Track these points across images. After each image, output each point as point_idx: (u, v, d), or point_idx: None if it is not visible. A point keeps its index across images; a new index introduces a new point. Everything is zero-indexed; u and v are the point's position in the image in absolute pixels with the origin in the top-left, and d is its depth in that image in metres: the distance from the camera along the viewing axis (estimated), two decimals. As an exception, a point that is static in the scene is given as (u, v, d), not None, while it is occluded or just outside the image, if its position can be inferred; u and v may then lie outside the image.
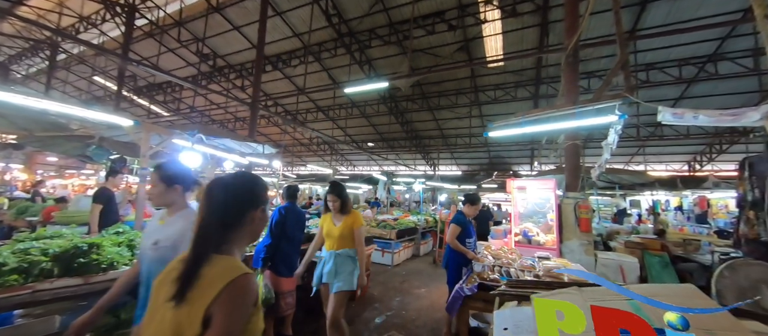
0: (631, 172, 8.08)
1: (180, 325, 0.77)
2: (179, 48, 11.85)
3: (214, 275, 0.81)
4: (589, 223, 3.88)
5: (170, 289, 0.81)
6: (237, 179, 0.97)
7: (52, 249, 1.84)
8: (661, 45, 8.58)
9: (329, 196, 2.74)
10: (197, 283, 0.80)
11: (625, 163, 15.85)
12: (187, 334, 0.75)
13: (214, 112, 17.91)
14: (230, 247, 0.93)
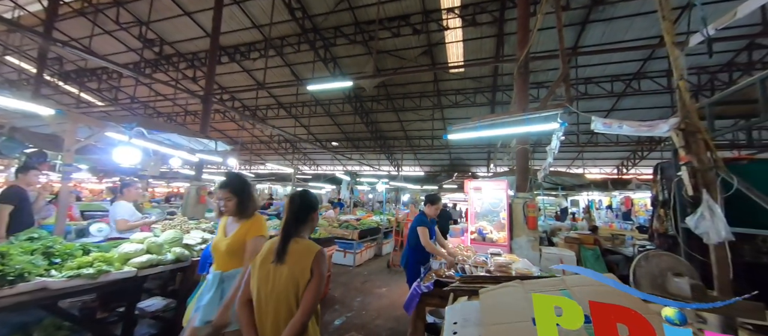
0: (572, 175, 8.99)
1: (293, 275, 1.38)
2: (118, 30, 10.58)
3: (303, 249, 1.44)
4: (536, 220, 4.23)
5: (272, 258, 1.43)
6: (303, 194, 1.63)
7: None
8: (598, 62, 9.68)
9: (220, 192, 1.94)
10: (290, 253, 1.42)
11: (567, 167, 17.58)
12: (300, 279, 1.37)
13: (160, 104, 16.31)
14: (302, 234, 1.55)
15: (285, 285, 1.36)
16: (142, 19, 9.94)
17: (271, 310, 1.36)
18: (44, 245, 1.99)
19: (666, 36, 1.80)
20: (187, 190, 5.96)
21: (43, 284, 1.77)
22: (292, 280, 1.36)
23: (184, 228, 3.14)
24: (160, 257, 2.53)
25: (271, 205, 11.11)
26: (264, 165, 21.19)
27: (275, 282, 1.38)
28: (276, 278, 1.39)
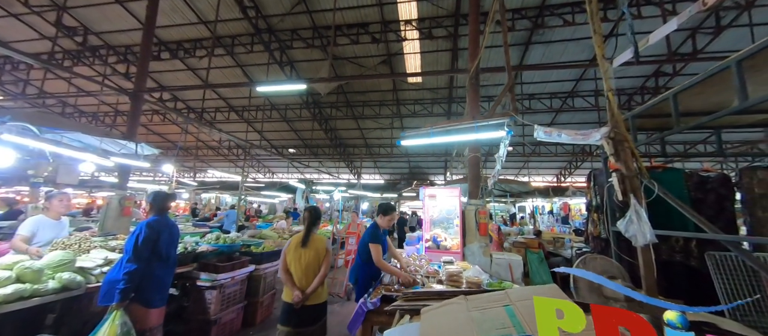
0: (519, 183, 9.62)
1: (317, 253, 2.53)
2: (28, 14, 9.01)
3: (318, 239, 2.61)
4: (487, 227, 4.33)
5: (301, 243, 2.55)
6: (316, 208, 2.74)
7: None
8: (539, 80, 10.64)
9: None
10: (311, 241, 2.56)
11: (515, 175, 18.92)
12: (320, 255, 2.54)
13: (82, 102, 14.20)
14: (315, 230, 2.68)
15: (312, 259, 2.50)
16: (58, 2, 8.57)
17: (303, 273, 2.45)
18: None
19: (597, 49, 1.91)
20: (108, 200, 5.09)
21: None
22: (316, 257, 2.52)
23: (83, 246, 2.57)
24: (37, 286, 1.99)
25: (215, 216, 10.10)
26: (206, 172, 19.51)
27: (304, 258, 2.49)
28: (304, 256, 2.50)
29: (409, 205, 20.15)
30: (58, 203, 2.91)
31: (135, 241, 2.31)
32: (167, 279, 2.54)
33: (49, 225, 2.84)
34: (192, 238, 4.08)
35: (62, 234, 2.95)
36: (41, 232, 2.78)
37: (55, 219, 2.93)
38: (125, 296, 2.18)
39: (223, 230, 7.18)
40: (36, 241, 2.74)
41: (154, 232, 2.42)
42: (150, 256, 2.37)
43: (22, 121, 2.59)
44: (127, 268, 2.22)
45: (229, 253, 3.82)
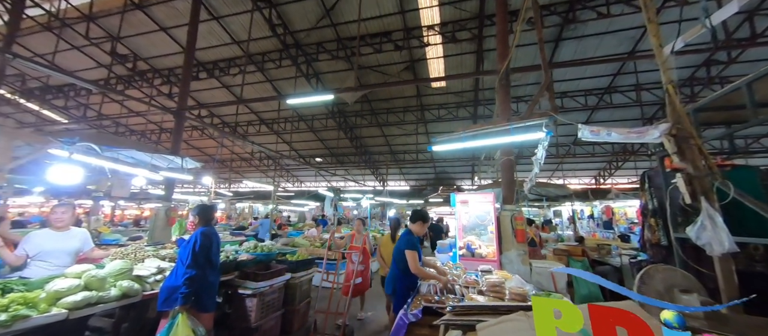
0: (556, 186, 9.11)
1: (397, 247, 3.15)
2: (88, 46, 10.08)
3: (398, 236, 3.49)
4: (525, 233, 4.11)
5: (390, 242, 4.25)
6: (399, 218, 5.15)
7: None
8: (572, 77, 10.08)
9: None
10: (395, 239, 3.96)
11: (548, 178, 17.98)
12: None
13: (132, 121, 15.55)
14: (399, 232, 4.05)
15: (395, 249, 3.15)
16: (113, 33, 9.52)
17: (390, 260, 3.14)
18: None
19: (653, 39, 1.76)
20: (155, 211, 5.49)
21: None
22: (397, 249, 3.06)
23: (138, 256, 2.77)
24: (102, 293, 2.16)
25: (251, 225, 10.53)
26: (240, 182, 20.44)
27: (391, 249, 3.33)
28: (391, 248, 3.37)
29: (436, 211, 19.80)
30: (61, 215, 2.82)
31: (192, 249, 2.45)
32: (217, 285, 2.67)
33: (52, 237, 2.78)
34: (232, 247, 4.27)
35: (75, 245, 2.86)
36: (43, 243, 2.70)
37: (60, 230, 2.84)
38: (187, 300, 2.32)
39: (257, 238, 7.46)
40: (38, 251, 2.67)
41: (208, 241, 2.57)
42: (204, 263, 2.51)
43: (87, 141, 2.88)
44: (189, 273, 2.38)
45: (267, 262, 3.94)
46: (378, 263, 4.76)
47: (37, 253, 2.66)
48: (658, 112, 11.04)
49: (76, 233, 2.90)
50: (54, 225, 2.82)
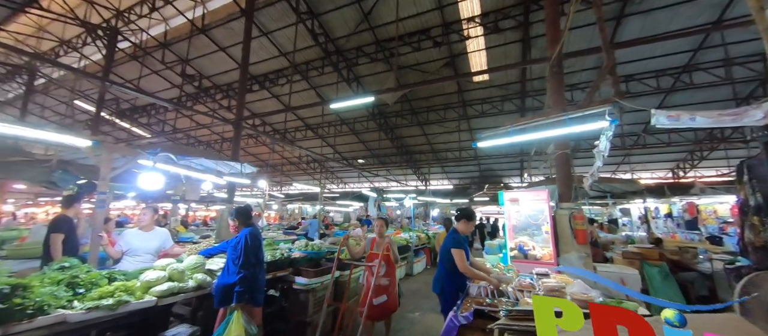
0: (623, 181, 8.10)
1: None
2: (163, 70, 11.66)
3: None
4: (586, 234, 3.73)
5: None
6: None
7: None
8: (639, 57, 8.88)
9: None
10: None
11: (612, 172, 16.08)
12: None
13: (200, 133, 17.56)
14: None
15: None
16: (182, 57, 10.89)
17: None
18: (71, 275, 2.01)
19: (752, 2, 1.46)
20: (220, 213, 6.13)
21: (63, 317, 1.75)
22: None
23: (210, 252, 3.14)
24: (182, 284, 2.48)
25: (300, 225, 11.19)
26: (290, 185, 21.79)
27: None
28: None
29: (481, 210, 18.96)
30: (147, 216, 3.25)
31: (243, 250, 2.67)
32: (264, 281, 2.89)
33: (139, 236, 3.22)
34: (285, 245, 4.58)
35: (157, 243, 3.26)
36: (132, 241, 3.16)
37: (146, 230, 3.27)
38: (242, 298, 2.51)
39: (307, 237, 7.90)
40: (129, 248, 3.14)
41: (256, 240, 2.79)
42: (255, 262, 2.73)
43: (166, 152, 3.35)
44: (242, 274, 2.57)
45: (317, 259, 4.14)
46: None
47: (129, 249, 3.17)
48: (756, 90, 9.20)
49: (159, 232, 3.39)
50: (141, 225, 3.32)
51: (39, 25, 10.28)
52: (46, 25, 10.33)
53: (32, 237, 4.17)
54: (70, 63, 11.55)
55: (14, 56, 11.69)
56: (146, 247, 3.22)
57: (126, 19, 9.72)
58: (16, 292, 1.62)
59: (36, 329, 1.63)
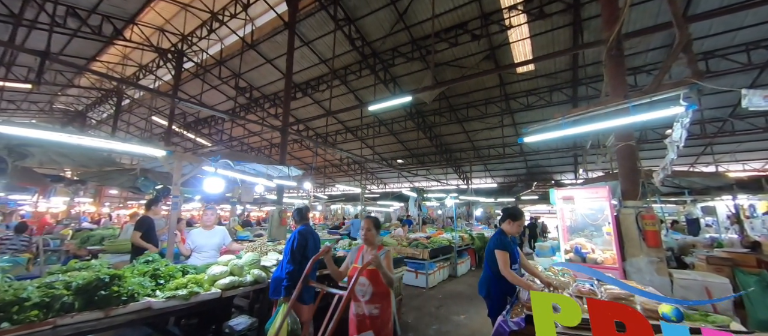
0: (703, 174, 6.98)
1: None
2: (220, 84, 12.94)
3: None
4: (658, 236, 3.28)
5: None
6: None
7: (75, 282, 1.85)
8: (721, 29, 7.57)
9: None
10: None
11: (690, 165, 13.95)
12: None
13: (251, 140, 19.09)
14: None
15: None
16: (235, 72, 11.98)
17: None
18: (154, 268, 2.35)
19: None
20: (270, 213, 6.61)
21: (148, 304, 2.04)
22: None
23: (262, 250, 3.39)
24: (241, 279, 2.72)
25: (343, 225, 11.57)
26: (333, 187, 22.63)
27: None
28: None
29: (529, 209, 17.75)
30: (209, 216, 3.62)
31: (291, 246, 2.86)
32: (313, 279, 3.02)
33: (203, 234, 3.59)
34: (330, 244, 4.77)
35: (218, 240, 3.59)
36: (197, 239, 3.55)
37: (208, 229, 3.63)
38: (288, 292, 2.67)
39: (350, 237, 8.13)
40: (195, 245, 3.51)
41: (304, 239, 2.93)
42: (301, 259, 2.88)
43: (225, 159, 3.72)
44: (288, 268, 2.75)
45: (360, 258, 4.25)
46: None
47: (195, 246, 3.58)
48: None
49: (219, 231, 3.77)
50: (204, 225, 3.71)
51: (123, 54, 12.07)
52: (128, 54, 12.10)
53: (123, 235, 4.92)
54: (147, 84, 13.41)
55: (106, 82, 13.93)
56: (210, 243, 3.61)
57: (189, 41, 10.98)
58: (114, 281, 1.95)
59: (129, 313, 1.94)
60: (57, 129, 2.48)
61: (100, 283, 1.89)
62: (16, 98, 14.23)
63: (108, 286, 1.91)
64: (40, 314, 1.66)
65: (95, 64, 11.72)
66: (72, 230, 6.51)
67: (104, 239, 5.49)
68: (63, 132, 2.45)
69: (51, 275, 1.98)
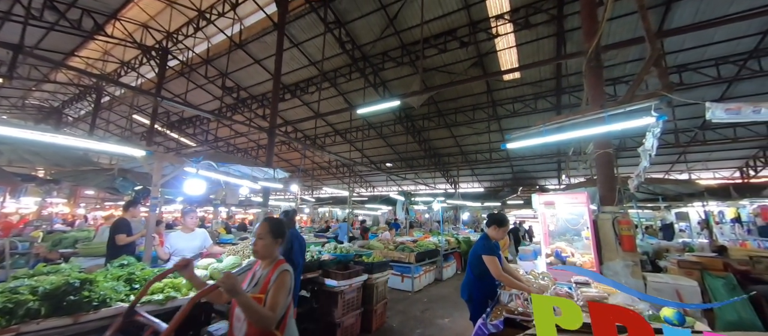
0: (677, 182, 7.31)
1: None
2: (206, 84, 12.65)
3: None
4: (633, 240, 3.41)
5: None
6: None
7: (42, 287, 1.75)
8: (693, 44, 8.01)
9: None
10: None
11: (666, 173, 14.60)
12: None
13: (238, 141, 18.73)
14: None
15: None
16: (223, 71, 11.75)
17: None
18: (129, 272, 2.26)
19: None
20: (257, 216, 6.49)
21: (121, 309, 1.96)
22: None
23: (245, 253, 3.33)
24: (222, 283, 2.66)
25: (329, 228, 11.47)
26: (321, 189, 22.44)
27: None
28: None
29: (514, 214, 18.11)
30: (189, 219, 3.51)
31: None
32: (298, 283, 2.99)
33: (182, 237, 3.48)
34: (316, 247, 4.73)
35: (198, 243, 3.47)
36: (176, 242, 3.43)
37: (188, 232, 3.51)
38: None
39: (337, 241, 8.08)
40: (173, 249, 3.39)
41: (289, 243, 2.90)
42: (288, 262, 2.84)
43: (208, 160, 3.64)
44: None
45: (346, 262, 4.22)
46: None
47: (174, 250, 3.45)
48: None
49: (199, 234, 3.65)
50: (185, 227, 3.60)
51: (104, 50, 11.66)
52: (110, 50, 11.69)
53: (98, 238, 4.72)
54: (129, 82, 12.97)
55: (85, 78, 13.40)
56: (189, 247, 3.49)
57: (175, 39, 10.71)
58: (85, 286, 1.87)
59: (99, 319, 1.86)
60: (29, 126, 2.37)
61: (69, 288, 1.79)
62: (-15, 92, 13.52)
63: (78, 290, 1.82)
64: (2, 321, 1.56)
65: (73, 60, 11.27)
66: (43, 232, 6.20)
67: (78, 242, 5.25)
68: (36, 129, 2.34)
69: (16, 280, 1.87)
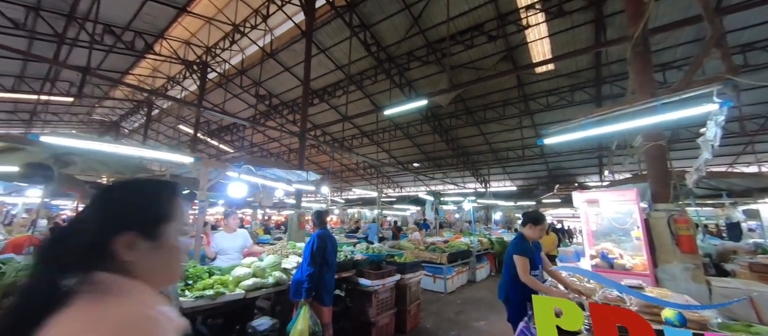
0: (744, 175, 6.51)
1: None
2: (241, 93, 13.45)
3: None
4: (693, 241, 3.09)
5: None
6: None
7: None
8: (759, 20, 7.08)
9: None
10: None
11: (729, 165, 13.02)
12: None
13: (271, 146, 19.65)
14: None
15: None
16: (256, 80, 12.42)
17: None
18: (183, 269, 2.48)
19: None
20: (289, 217, 6.77)
21: (179, 304, 2.16)
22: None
23: (283, 253, 3.49)
24: (263, 280, 2.81)
25: (359, 229, 11.64)
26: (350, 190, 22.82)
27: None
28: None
29: (551, 213, 17.13)
30: (232, 220, 3.74)
31: (311, 249, 2.92)
32: (332, 282, 3.07)
33: (226, 237, 3.68)
34: (348, 248, 4.83)
35: (240, 243, 3.69)
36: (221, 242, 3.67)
37: (231, 232, 3.72)
38: (309, 294, 2.76)
39: (367, 241, 8.18)
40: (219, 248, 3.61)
41: (323, 242, 2.99)
42: (321, 262, 2.93)
43: (247, 164, 3.87)
44: (309, 271, 2.82)
45: (378, 262, 4.26)
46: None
47: (219, 249, 3.72)
48: None
49: (240, 234, 3.91)
50: (227, 228, 3.86)
51: (153, 67, 12.83)
52: (158, 66, 12.84)
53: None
54: (174, 95, 14.15)
55: (138, 94, 14.85)
56: (233, 246, 3.76)
57: (213, 53, 11.52)
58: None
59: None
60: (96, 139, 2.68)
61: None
62: (59, 111, 15.41)
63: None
64: None
65: (128, 77, 12.52)
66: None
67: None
68: (102, 141, 2.64)
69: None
